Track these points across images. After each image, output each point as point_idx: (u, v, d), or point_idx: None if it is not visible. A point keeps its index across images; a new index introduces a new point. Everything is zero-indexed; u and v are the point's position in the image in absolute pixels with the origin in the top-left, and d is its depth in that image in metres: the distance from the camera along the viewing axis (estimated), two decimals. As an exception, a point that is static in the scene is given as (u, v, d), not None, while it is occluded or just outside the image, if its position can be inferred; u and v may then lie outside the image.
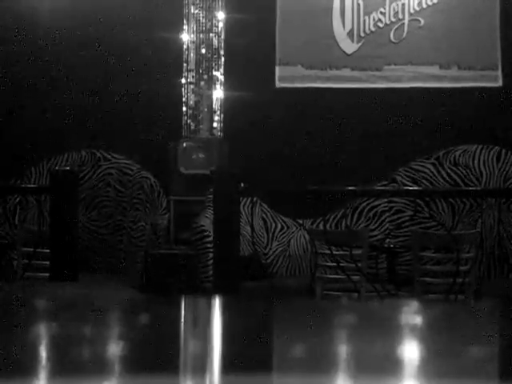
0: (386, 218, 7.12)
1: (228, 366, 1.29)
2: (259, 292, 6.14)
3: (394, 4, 7.56)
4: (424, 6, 7.52)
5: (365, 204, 7.15)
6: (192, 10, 7.61)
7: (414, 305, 2.25)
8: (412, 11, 7.54)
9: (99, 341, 1.45)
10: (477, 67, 7.47)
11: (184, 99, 7.59)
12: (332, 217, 7.13)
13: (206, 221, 6.36)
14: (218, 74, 7.60)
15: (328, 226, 6.89)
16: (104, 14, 7.63)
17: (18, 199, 7.19)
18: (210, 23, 7.61)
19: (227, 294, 4.61)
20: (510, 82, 7.42)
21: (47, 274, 5.00)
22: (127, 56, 7.62)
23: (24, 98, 7.71)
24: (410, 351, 1.44)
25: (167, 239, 7.18)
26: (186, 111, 7.60)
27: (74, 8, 7.66)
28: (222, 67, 7.59)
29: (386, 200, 7.09)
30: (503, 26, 7.42)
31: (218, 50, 7.60)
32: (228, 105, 7.57)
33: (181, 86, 7.60)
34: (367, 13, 7.58)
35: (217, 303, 2.09)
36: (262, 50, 7.57)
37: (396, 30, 7.56)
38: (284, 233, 7.26)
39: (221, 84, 7.60)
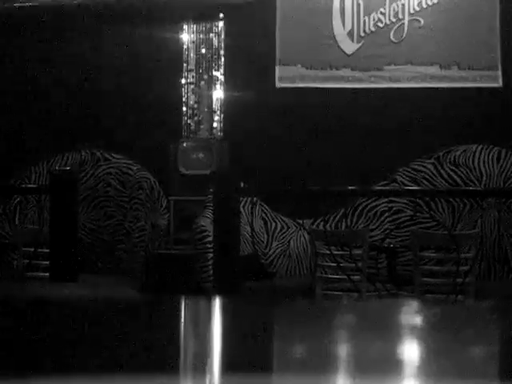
0: (386, 218, 7.12)
1: (228, 366, 1.29)
2: (259, 292, 6.14)
3: (394, 4, 7.56)
4: (424, 5, 7.52)
5: (365, 204, 7.15)
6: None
7: (414, 305, 2.25)
8: (412, 11, 7.54)
9: (98, 341, 1.45)
10: (477, 67, 7.47)
11: (184, 99, 7.60)
12: (332, 217, 7.13)
13: (206, 221, 6.36)
14: (218, 74, 7.60)
15: (328, 226, 6.89)
16: (104, 14, 7.64)
17: (17, 199, 7.19)
18: (210, 23, 7.61)
19: (227, 294, 4.61)
20: (510, 82, 7.42)
21: (47, 274, 5.00)
22: (127, 56, 7.62)
23: (24, 97, 7.72)
24: (410, 351, 1.44)
25: (167, 239, 7.19)
26: (186, 111, 7.60)
27: (74, 8, 7.66)
28: (222, 67, 7.60)
29: (386, 200, 7.09)
30: (503, 26, 7.42)
31: (218, 50, 7.60)
32: (228, 105, 7.58)
33: (181, 86, 7.60)
34: (367, 13, 7.58)
35: (217, 303, 2.09)
36: (262, 50, 7.58)
37: (396, 29, 7.56)
38: (284, 233, 7.26)
39: (221, 84, 7.60)
